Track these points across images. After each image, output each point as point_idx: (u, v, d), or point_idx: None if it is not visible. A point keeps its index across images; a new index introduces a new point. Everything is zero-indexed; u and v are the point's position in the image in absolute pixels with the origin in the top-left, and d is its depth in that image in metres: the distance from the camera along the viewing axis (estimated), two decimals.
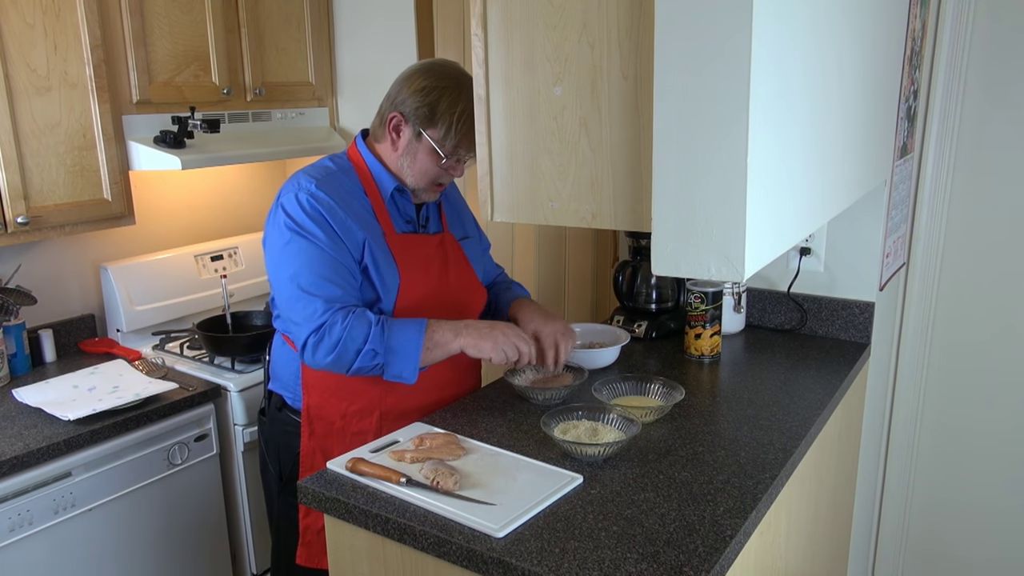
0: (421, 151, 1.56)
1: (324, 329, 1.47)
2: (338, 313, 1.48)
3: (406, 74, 1.58)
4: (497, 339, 1.52)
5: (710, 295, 1.87)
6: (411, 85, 1.54)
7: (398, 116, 1.55)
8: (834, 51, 1.29)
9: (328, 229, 1.51)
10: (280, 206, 1.54)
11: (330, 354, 1.48)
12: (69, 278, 2.34)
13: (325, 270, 1.50)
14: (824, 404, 1.62)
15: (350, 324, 1.47)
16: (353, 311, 1.49)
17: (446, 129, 1.52)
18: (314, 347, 1.49)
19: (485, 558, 1.11)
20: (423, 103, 1.52)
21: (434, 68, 1.56)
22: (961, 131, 2.18)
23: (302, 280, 1.49)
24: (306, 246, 1.50)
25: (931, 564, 2.44)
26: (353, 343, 1.47)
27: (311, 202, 1.51)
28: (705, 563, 1.08)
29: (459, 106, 1.51)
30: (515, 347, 1.53)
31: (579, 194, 1.17)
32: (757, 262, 1.05)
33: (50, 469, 1.77)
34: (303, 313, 1.49)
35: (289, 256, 1.51)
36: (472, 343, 1.51)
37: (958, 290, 2.26)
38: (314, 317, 1.48)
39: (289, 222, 1.51)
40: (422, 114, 1.52)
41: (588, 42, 1.11)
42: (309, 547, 1.66)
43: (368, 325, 1.47)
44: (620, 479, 1.32)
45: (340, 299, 1.50)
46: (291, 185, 1.55)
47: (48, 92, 1.96)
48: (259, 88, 2.45)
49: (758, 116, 0.98)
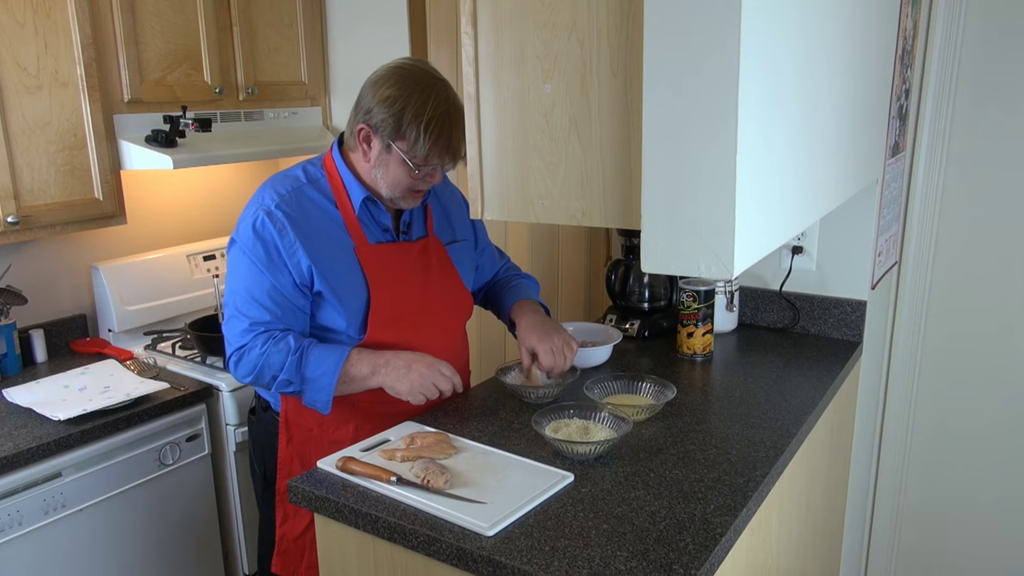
0: (392, 162, 1.51)
1: (244, 350, 1.51)
2: (259, 337, 1.51)
3: (372, 79, 1.51)
4: (414, 381, 1.49)
5: (702, 294, 1.87)
6: (377, 94, 1.48)
7: (366, 128, 1.51)
8: (824, 49, 1.30)
9: (272, 252, 1.50)
10: (241, 219, 1.55)
11: (248, 375, 1.52)
12: (60, 278, 2.34)
13: (258, 292, 1.51)
14: (815, 402, 1.62)
15: (268, 350, 1.49)
16: (274, 336, 1.51)
17: (415, 139, 1.46)
18: (235, 365, 1.54)
19: (475, 557, 1.11)
20: (389, 114, 1.46)
21: (400, 74, 1.49)
22: (953, 130, 2.18)
23: (237, 298, 1.53)
24: (247, 266, 1.52)
25: (924, 562, 2.45)
26: (269, 369, 1.50)
27: (264, 222, 1.50)
28: (695, 560, 1.08)
29: (426, 114, 1.45)
30: (433, 387, 1.50)
31: (569, 192, 1.17)
32: (746, 260, 1.05)
33: (40, 469, 1.77)
34: (231, 330, 1.54)
35: (231, 272, 1.55)
36: (389, 383, 1.50)
37: (950, 289, 2.27)
38: (237, 337, 1.52)
39: (240, 238, 1.53)
40: (389, 125, 1.47)
41: (578, 40, 1.11)
42: (285, 555, 1.65)
43: (286, 353, 1.49)
44: (611, 477, 1.32)
45: (266, 323, 1.51)
46: (256, 198, 1.55)
47: (39, 91, 1.95)
48: (251, 87, 2.45)
49: (747, 113, 0.98)
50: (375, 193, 1.58)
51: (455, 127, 1.47)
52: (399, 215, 1.65)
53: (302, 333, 1.56)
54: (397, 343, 1.58)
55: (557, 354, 1.61)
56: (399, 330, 1.58)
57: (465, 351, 1.81)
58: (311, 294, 1.54)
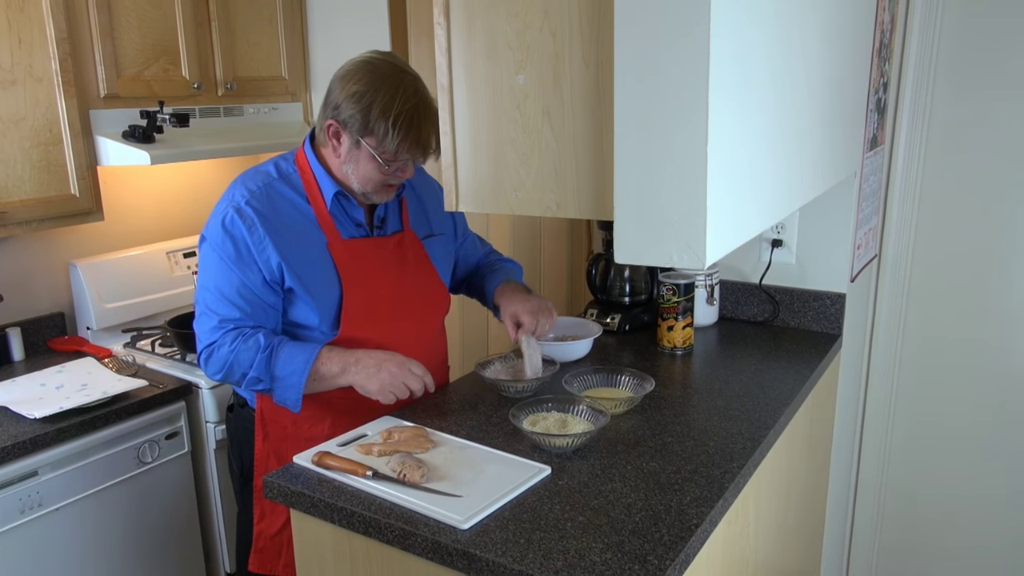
0: (362, 158, 1.49)
1: (214, 347, 1.51)
2: (228, 334, 1.50)
3: (340, 73, 1.49)
4: (383, 380, 1.48)
5: (682, 287, 1.87)
6: (344, 89, 1.46)
7: (335, 124, 1.49)
8: (799, 41, 1.30)
9: (242, 248, 1.49)
10: (212, 215, 1.54)
11: (218, 372, 1.52)
12: (37, 275, 2.31)
13: (227, 289, 1.50)
14: (794, 395, 1.62)
15: (237, 348, 1.49)
16: (244, 333, 1.50)
17: (383, 135, 1.44)
18: (205, 362, 1.53)
19: (450, 550, 1.11)
20: (357, 110, 1.44)
21: (367, 68, 1.47)
22: (931, 123, 2.19)
23: (206, 295, 1.53)
24: (216, 262, 1.51)
25: (906, 554, 2.46)
26: (239, 367, 1.50)
27: (234, 219, 1.49)
28: (670, 551, 1.08)
29: (394, 109, 1.43)
30: (403, 386, 1.49)
31: (543, 183, 1.17)
32: (719, 250, 1.05)
33: (16, 468, 1.75)
34: (201, 328, 1.54)
35: (202, 269, 1.55)
36: (359, 382, 1.50)
37: (929, 281, 2.28)
38: (207, 334, 1.52)
39: (209, 235, 1.53)
40: (357, 121, 1.45)
41: (550, 30, 1.10)
42: (262, 553, 1.64)
43: (256, 351, 1.49)
44: (588, 470, 1.31)
45: (235, 320, 1.51)
46: (227, 194, 1.55)
47: (12, 86, 1.93)
48: (230, 83, 2.43)
49: (718, 103, 0.98)
50: (347, 188, 1.57)
51: (424, 122, 1.46)
52: (373, 210, 1.64)
53: (273, 330, 1.55)
54: (371, 339, 1.57)
55: (539, 314, 1.64)
56: (373, 326, 1.57)
57: (443, 347, 1.80)
58: (282, 291, 1.53)
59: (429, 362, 1.65)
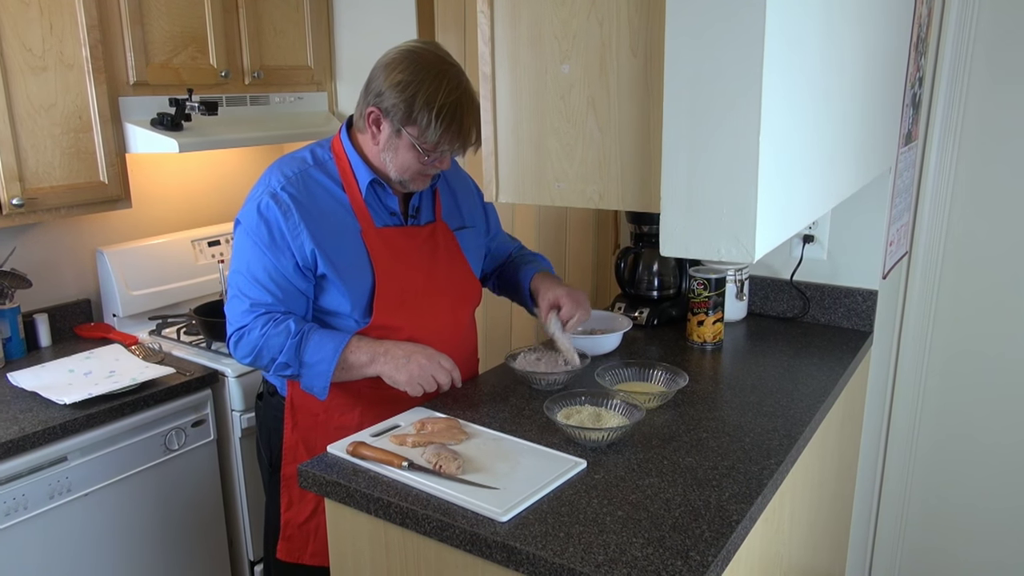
0: (402, 147, 1.49)
1: (244, 331, 1.52)
2: (260, 319, 1.51)
3: (384, 61, 1.49)
4: (412, 372, 1.48)
5: (713, 282, 1.85)
6: (388, 77, 1.46)
7: (376, 111, 1.49)
8: (845, 32, 1.28)
9: (276, 234, 1.49)
10: (247, 200, 1.54)
11: (247, 356, 1.53)
12: (65, 262, 2.32)
13: (260, 273, 1.51)
14: (828, 392, 1.60)
15: (268, 332, 1.49)
16: (275, 319, 1.50)
17: (426, 125, 1.44)
18: (234, 345, 1.54)
19: (489, 542, 1.10)
20: (400, 99, 1.44)
21: (412, 57, 1.46)
22: (965, 119, 2.16)
23: (239, 279, 1.53)
24: (249, 246, 1.52)
25: (928, 560, 2.44)
26: (268, 351, 1.50)
27: (269, 204, 1.50)
28: (712, 548, 1.07)
29: (438, 100, 1.42)
30: (431, 379, 1.50)
31: (586, 174, 1.15)
32: (768, 243, 1.04)
33: (46, 453, 1.75)
34: (232, 311, 1.54)
35: (236, 252, 1.56)
36: (387, 372, 1.49)
37: (960, 278, 2.25)
38: (238, 317, 1.53)
39: (244, 219, 1.53)
40: (400, 111, 1.45)
41: (597, 19, 1.09)
42: (289, 541, 1.64)
43: (286, 337, 1.49)
44: (624, 464, 1.30)
45: (267, 305, 1.51)
46: (263, 180, 1.55)
47: (44, 72, 1.93)
48: (257, 71, 2.42)
49: (771, 93, 0.96)
50: (383, 176, 1.56)
51: (467, 114, 1.45)
52: (407, 199, 1.63)
53: (303, 317, 1.55)
54: (403, 327, 1.57)
55: (579, 305, 1.64)
56: (405, 314, 1.57)
57: (473, 338, 1.79)
58: (314, 277, 1.53)
59: (459, 353, 1.66)
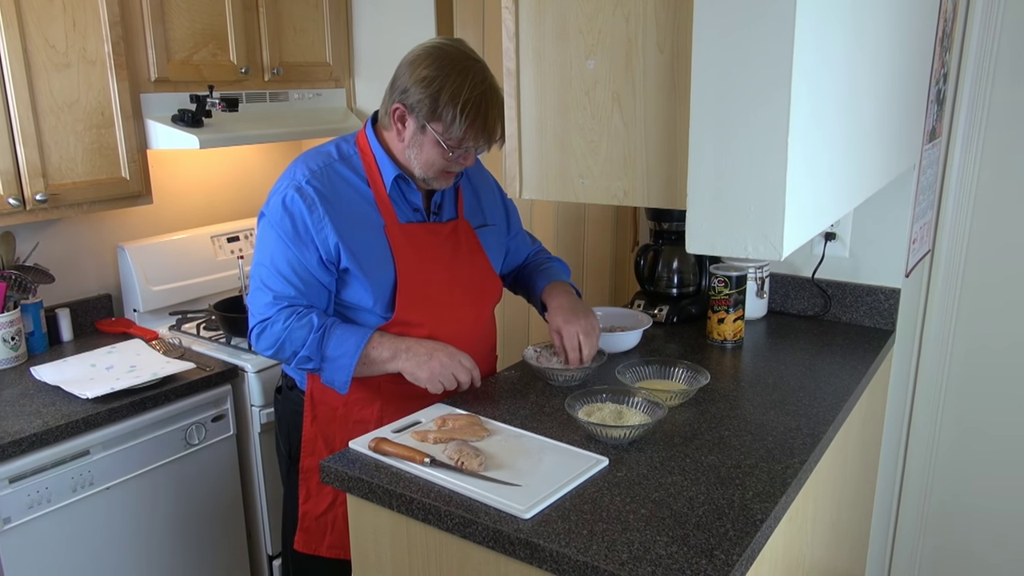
0: (427, 143, 1.49)
1: (267, 323, 1.52)
2: (283, 312, 1.51)
3: (409, 58, 1.50)
4: (434, 369, 1.49)
5: (734, 279, 1.84)
6: (414, 74, 1.46)
7: (402, 108, 1.49)
8: (872, 29, 1.26)
9: (300, 227, 1.50)
10: (272, 193, 1.55)
11: (270, 348, 1.53)
12: (86, 257, 2.34)
13: (283, 266, 1.51)
14: (850, 390, 1.59)
15: (291, 326, 1.50)
16: (298, 312, 1.51)
17: (451, 121, 1.44)
18: (256, 337, 1.54)
19: (512, 539, 1.10)
20: (426, 95, 1.44)
21: (437, 54, 1.47)
22: (990, 116, 2.13)
23: (262, 271, 1.54)
24: (273, 239, 1.52)
25: (947, 559, 2.42)
26: (291, 344, 1.51)
27: (294, 197, 1.50)
28: (736, 547, 1.06)
29: (463, 96, 1.43)
30: (452, 377, 1.50)
31: (611, 171, 1.15)
32: (795, 241, 1.03)
33: (68, 447, 1.77)
34: (255, 303, 1.55)
35: (259, 245, 1.56)
36: (409, 369, 1.50)
37: (983, 277, 2.23)
38: (261, 309, 1.53)
39: (269, 212, 1.53)
40: (425, 107, 1.45)
41: (623, 14, 1.08)
42: (307, 532, 1.65)
43: (309, 331, 1.49)
44: (646, 462, 1.30)
45: (290, 298, 1.52)
46: (288, 173, 1.55)
47: (67, 68, 1.95)
48: (277, 68, 2.43)
49: (799, 89, 0.95)
50: (407, 172, 1.56)
51: (491, 109, 1.46)
52: (430, 196, 1.64)
53: (324, 311, 1.55)
54: (424, 322, 1.57)
55: (574, 343, 1.60)
56: (426, 309, 1.57)
57: (493, 335, 1.79)
58: (337, 271, 1.54)
59: (479, 349, 1.66)
